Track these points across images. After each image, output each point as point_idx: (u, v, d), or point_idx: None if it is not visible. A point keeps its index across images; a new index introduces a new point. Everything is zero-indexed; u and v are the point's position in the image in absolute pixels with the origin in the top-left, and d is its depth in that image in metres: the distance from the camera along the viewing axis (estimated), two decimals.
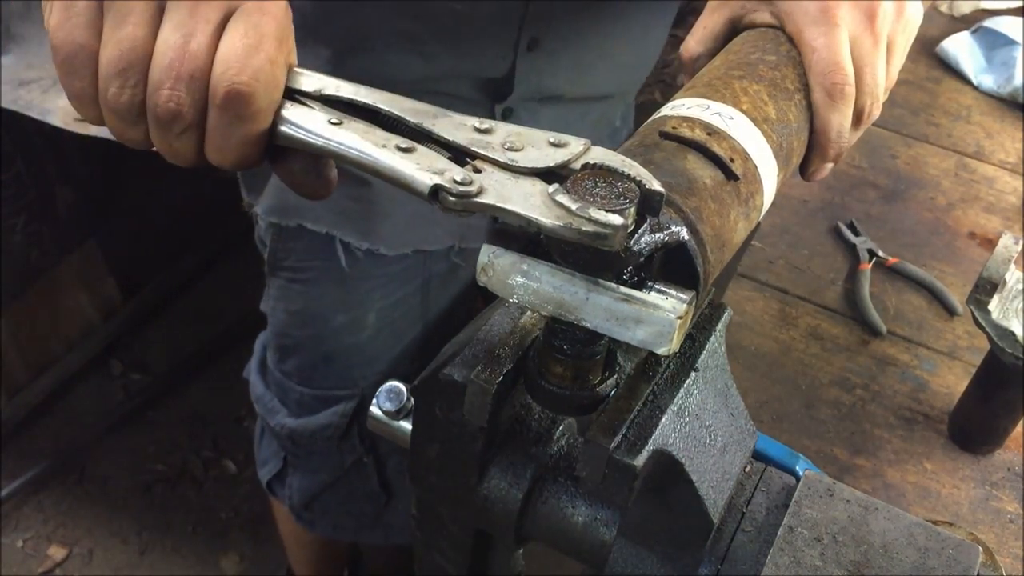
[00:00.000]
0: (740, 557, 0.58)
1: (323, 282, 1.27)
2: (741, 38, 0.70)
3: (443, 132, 0.53)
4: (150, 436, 2.31)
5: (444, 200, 0.49)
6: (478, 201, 0.49)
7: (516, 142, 0.51)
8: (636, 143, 0.59)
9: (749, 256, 1.33)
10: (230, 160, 0.55)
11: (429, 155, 0.51)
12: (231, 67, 0.52)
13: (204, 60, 0.52)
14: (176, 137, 0.53)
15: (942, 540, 0.56)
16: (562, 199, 0.47)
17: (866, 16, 0.67)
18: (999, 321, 1.00)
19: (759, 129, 0.60)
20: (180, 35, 0.52)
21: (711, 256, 0.54)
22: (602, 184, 0.48)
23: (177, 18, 0.52)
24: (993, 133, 1.61)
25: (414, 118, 0.54)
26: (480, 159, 0.51)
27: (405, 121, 0.54)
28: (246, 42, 0.52)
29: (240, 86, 0.51)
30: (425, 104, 0.55)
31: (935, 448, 1.10)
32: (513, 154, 0.51)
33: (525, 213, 0.47)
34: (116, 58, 0.52)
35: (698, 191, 0.55)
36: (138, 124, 0.54)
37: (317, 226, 1.21)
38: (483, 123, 0.53)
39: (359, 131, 0.53)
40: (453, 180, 0.49)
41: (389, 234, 1.22)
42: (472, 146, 0.52)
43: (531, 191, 0.49)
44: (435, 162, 0.51)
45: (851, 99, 0.66)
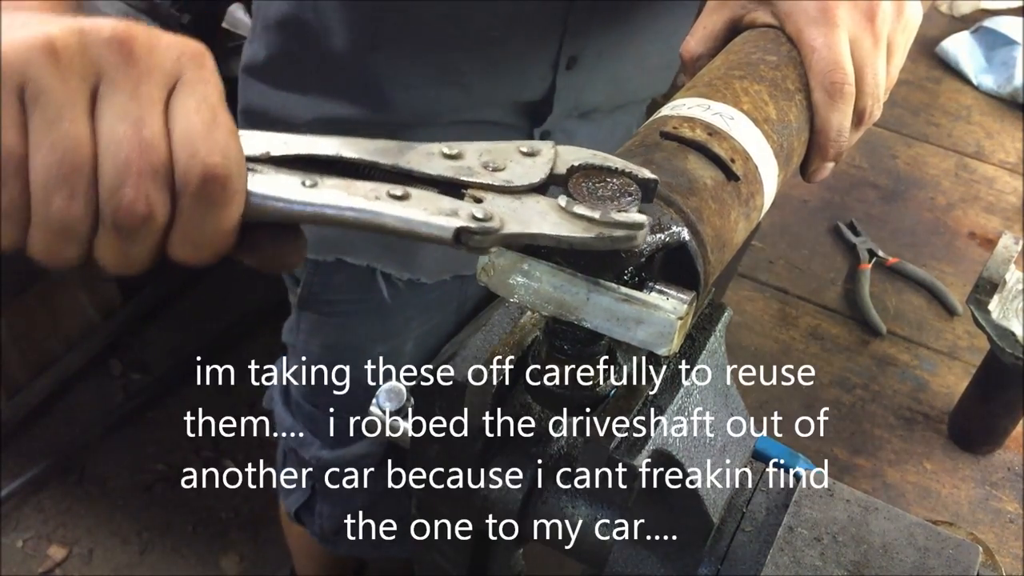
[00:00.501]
0: (740, 557, 0.58)
1: (362, 314, 1.24)
2: (742, 38, 0.70)
3: (422, 167, 0.49)
4: (150, 436, 2.30)
5: (469, 241, 0.46)
6: (504, 233, 0.47)
7: (494, 160, 0.50)
8: (636, 143, 0.59)
9: (749, 256, 1.33)
10: (204, 254, 0.48)
11: (427, 196, 0.48)
12: (198, 149, 0.45)
13: (163, 147, 0.45)
14: (136, 243, 0.46)
15: (942, 540, 0.56)
16: (580, 210, 0.47)
17: (865, 16, 0.67)
18: (999, 321, 1.00)
19: (760, 129, 0.60)
20: (128, 124, 0.44)
21: (711, 256, 0.54)
22: (599, 184, 0.49)
23: (118, 104, 0.45)
24: (993, 133, 1.61)
25: (385, 159, 0.49)
26: (473, 187, 0.49)
27: (379, 165, 0.49)
28: (202, 117, 0.46)
29: (214, 168, 0.45)
30: (382, 140, 0.50)
31: (935, 448, 1.10)
32: (500, 174, 0.49)
33: (555, 233, 0.47)
34: (56, 163, 0.44)
35: (699, 191, 0.55)
36: (84, 238, 0.46)
37: (358, 260, 1.17)
38: (450, 148, 0.50)
39: (341, 187, 0.48)
40: (472, 217, 0.46)
41: (430, 263, 1.19)
42: (459, 175, 0.49)
43: (541, 208, 0.48)
44: (438, 203, 0.47)
45: (851, 98, 0.66)
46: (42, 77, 0.44)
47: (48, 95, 0.44)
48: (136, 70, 0.45)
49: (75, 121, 0.44)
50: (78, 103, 0.44)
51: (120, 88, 0.45)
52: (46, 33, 0.44)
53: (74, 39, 0.44)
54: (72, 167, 0.44)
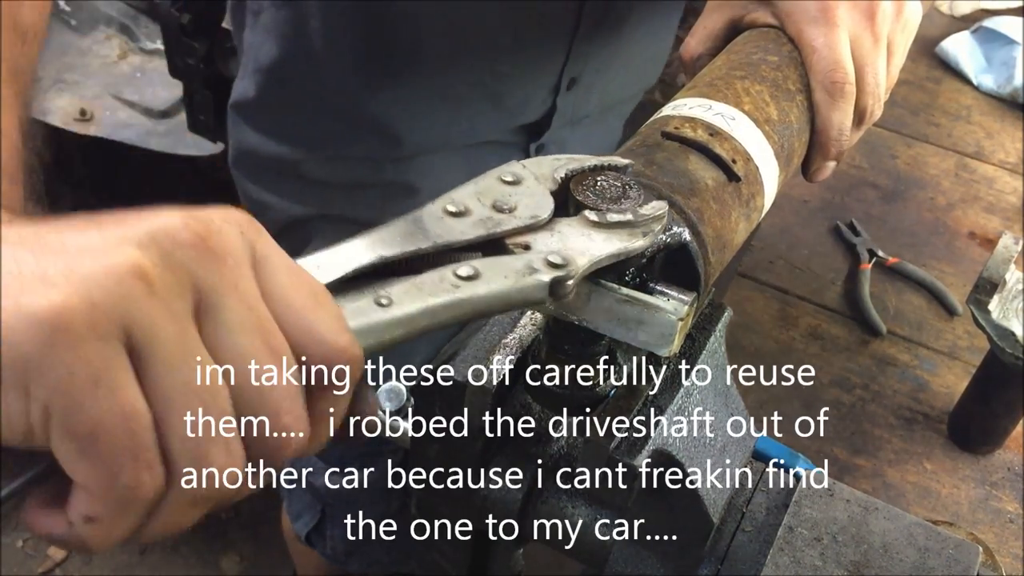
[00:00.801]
0: (740, 557, 0.58)
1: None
2: (743, 38, 0.70)
3: (456, 236, 0.46)
4: None
5: (562, 289, 0.45)
6: (581, 271, 0.46)
7: (503, 201, 0.48)
8: (638, 143, 0.59)
9: (749, 256, 1.33)
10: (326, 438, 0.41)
11: (493, 264, 0.45)
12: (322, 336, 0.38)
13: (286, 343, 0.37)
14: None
15: (942, 540, 0.56)
16: (614, 217, 0.48)
17: (865, 16, 0.67)
18: (999, 321, 1.00)
19: (761, 130, 0.61)
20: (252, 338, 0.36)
21: (712, 257, 0.54)
22: (597, 186, 0.49)
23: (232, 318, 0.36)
24: (993, 133, 1.61)
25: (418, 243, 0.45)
26: (509, 236, 0.47)
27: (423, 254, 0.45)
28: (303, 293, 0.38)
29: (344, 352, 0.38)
30: (399, 221, 0.46)
31: (935, 448, 1.10)
32: (520, 212, 0.47)
33: (617, 250, 0.47)
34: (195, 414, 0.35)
35: (700, 192, 0.55)
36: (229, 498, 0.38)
37: None
38: (453, 205, 0.47)
39: (412, 293, 0.43)
40: (551, 265, 0.45)
41: None
42: (492, 231, 0.46)
43: (581, 230, 0.48)
44: (508, 266, 0.45)
45: (852, 97, 0.66)
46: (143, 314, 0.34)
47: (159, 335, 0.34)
48: (226, 267, 0.36)
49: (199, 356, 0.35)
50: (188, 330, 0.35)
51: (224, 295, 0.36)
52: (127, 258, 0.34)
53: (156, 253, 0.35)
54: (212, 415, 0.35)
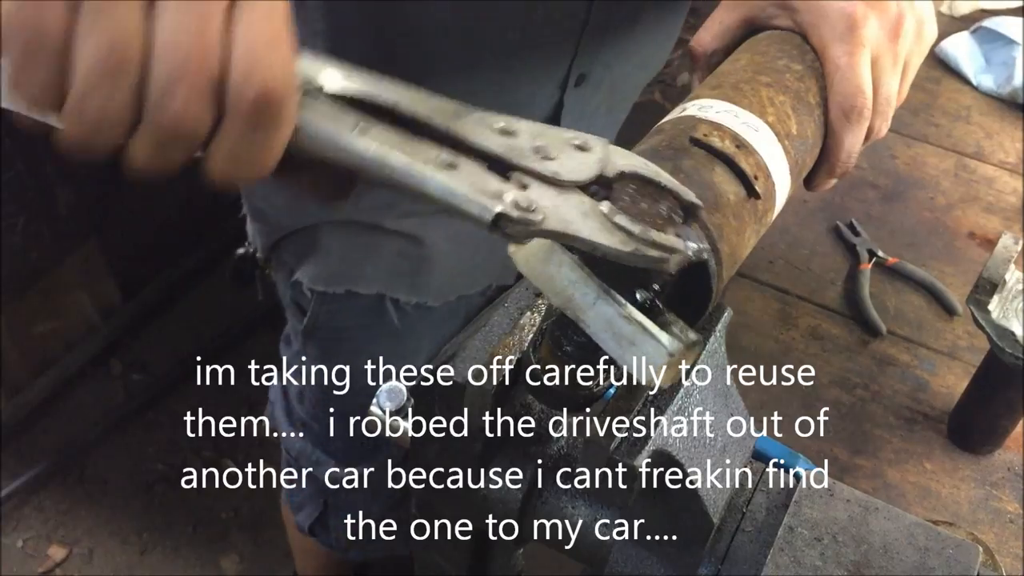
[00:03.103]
0: (740, 557, 0.58)
1: (372, 340, 1.23)
2: (766, 38, 0.69)
3: (475, 138, 0.47)
4: (150, 436, 2.30)
5: (507, 228, 0.45)
6: (542, 229, 0.45)
7: (546, 147, 0.48)
8: (664, 144, 0.59)
9: (749, 256, 1.33)
10: (241, 175, 0.45)
11: (475, 171, 0.46)
12: (257, 67, 0.42)
13: (222, 57, 0.42)
14: (173, 150, 0.44)
15: (942, 540, 0.56)
16: (622, 221, 0.46)
17: (889, 36, 0.67)
18: (999, 321, 1.00)
19: (781, 145, 0.61)
20: (187, 26, 0.41)
21: (724, 274, 0.55)
22: (646, 199, 0.48)
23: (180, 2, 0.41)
24: (993, 133, 1.61)
25: (440, 120, 0.47)
26: (521, 171, 0.47)
27: (433, 125, 0.47)
28: (266, 33, 0.43)
29: (271, 91, 0.42)
30: (441, 98, 0.48)
31: (935, 448, 1.10)
32: (550, 164, 0.47)
33: (591, 239, 0.45)
34: (105, 53, 0.41)
35: (722, 207, 0.55)
36: (118, 135, 0.43)
37: (368, 289, 1.16)
38: (508, 122, 0.48)
39: (393, 143, 0.45)
40: (516, 205, 0.45)
41: (436, 286, 1.19)
42: (509, 155, 0.47)
43: (584, 209, 0.46)
44: (484, 181, 0.46)
45: (867, 122, 0.66)
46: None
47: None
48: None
49: (130, 12, 0.41)
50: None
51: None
52: None
53: None
54: (120, 61, 0.41)
